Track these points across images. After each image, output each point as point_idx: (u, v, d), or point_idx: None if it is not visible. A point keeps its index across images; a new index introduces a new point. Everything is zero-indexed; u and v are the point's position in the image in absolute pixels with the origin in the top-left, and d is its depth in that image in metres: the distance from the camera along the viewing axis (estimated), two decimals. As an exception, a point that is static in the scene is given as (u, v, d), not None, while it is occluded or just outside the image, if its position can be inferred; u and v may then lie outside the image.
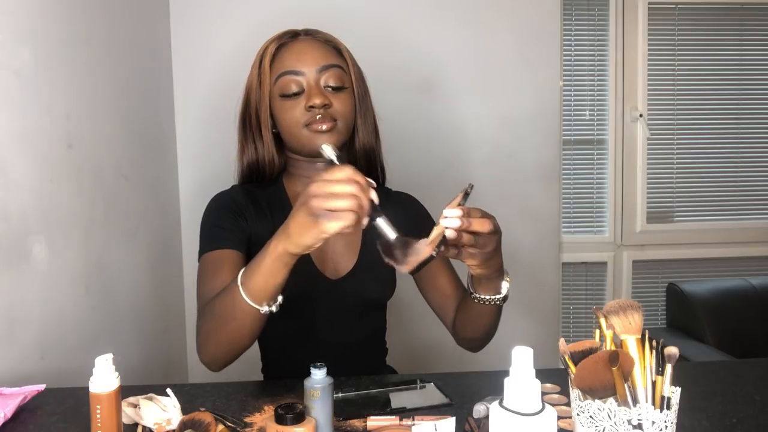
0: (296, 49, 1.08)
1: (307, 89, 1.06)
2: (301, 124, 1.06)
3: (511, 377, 0.64)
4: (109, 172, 1.49)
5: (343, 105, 1.07)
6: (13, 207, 1.10)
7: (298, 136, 1.07)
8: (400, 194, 1.25)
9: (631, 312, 0.68)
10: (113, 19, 1.56)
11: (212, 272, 1.02)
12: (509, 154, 2.20)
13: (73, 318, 1.30)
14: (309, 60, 1.06)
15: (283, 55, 1.08)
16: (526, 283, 2.22)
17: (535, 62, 2.17)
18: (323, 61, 1.07)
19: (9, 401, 0.91)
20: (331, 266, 1.12)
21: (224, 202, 1.11)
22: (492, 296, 0.97)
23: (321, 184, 0.76)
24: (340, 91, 1.08)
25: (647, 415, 0.64)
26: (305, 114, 1.05)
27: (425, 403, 0.95)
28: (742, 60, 2.48)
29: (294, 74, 1.06)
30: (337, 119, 1.06)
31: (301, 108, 1.05)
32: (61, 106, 1.27)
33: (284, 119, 1.07)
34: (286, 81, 1.06)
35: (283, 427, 0.74)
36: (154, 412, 0.86)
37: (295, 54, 1.07)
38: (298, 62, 1.06)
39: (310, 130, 1.05)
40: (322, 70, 1.06)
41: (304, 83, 1.06)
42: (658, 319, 2.54)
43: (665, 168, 2.49)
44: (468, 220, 0.79)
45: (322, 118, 1.04)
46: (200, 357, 0.98)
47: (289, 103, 1.06)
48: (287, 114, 1.06)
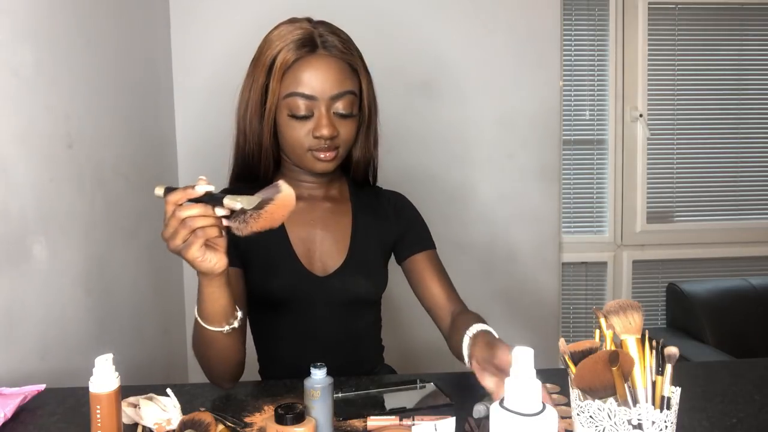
0: (313, 69, 1.03)
1: (317, 116, 1.04)
2: (305, 147, 1.06)
3: (512, 377, 0.64)
4: (109, 172, 1.49)
5: (347, 132, 1.07)
6: (13, 207, 1.10)
7: (300, 156, 1.08)
8: (391, 193, 1.25)
9: (631, 312, 0.68)
10: (113, 19, 1.56)
11: None
12: (509, 154, 2.20)
13: (73, 318, 1.30)
14: (324, 85, 1.03)
15: (298, 72, 1.03)
16: (526, 283, 2.22)
17: (535, 62, 2.17)
18: (338, 88, 1.04)
19: (9, 401, 0.91)
20: (319, 264, 1.12)
21: None
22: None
23: (164, 231, 0.79)
24: (348, 118, 1.07)
25: (647, 415, 0.64)
26: (311, 140, 1.05)
27: (425, 403, 0.95)
28: (742, 60, 2.47)
29: (306, 98, 1.03)
30: (339, 147, 1.07)
31: (307, 131, 1.05)
32: (61, 106, 1.27)
33: (288, 136, 1.07)
34: (297, 102, 1.03)
35: (283, 427, 0.74)
36: (154, 412, 0.86)
37: (311, 74, 1.03)
38: (312, 86, 1.03)
39: (313, 156, 1.06)
40: (335, 97, 1.04)
41: (315, 108, 1.04)
42: (658, 319, 2.54)
43: (665, 168, 2.49)
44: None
45: (327, 148, 1.05)
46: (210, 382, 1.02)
47: (296, 123, 1.05)
48: (293, 132, 1.06)
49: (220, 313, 0.90)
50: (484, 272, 2.20)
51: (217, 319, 0.90)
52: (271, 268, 1.09)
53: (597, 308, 0.72)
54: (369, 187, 1.23)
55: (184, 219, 0.77)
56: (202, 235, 0.79)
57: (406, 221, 1.21)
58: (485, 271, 2.20)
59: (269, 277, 1.08)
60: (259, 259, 1.09)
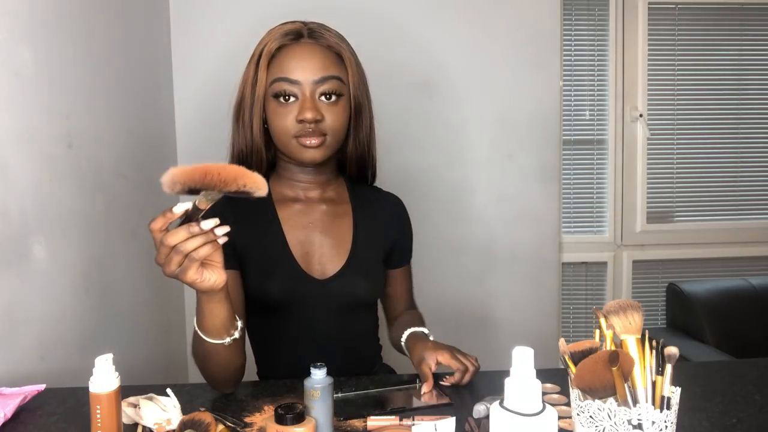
0: (296, 55, 1.05)
1: (301, 100, 1.05)
2: (291, 134, 1.05)
3: (512, 377, 0.64)
4: (109, 172, 1.49)
5: (335, 119, 1.06)
6: (13, 207, 1.10)
7: (287, 144, 1.07)
8: (389, 195, 1.25)
9: (631, 312, 0.69)
10: (113, 19, 1.56)
11: None
12: (509, 154, 2.20)
13: (73, 318, 1.30)
14: (307, 69, 1.04)
15: (282, 59, 1.06)
16: (526, 283, 2.22)
17: (535, 62, 2.17)
18: (321, 72, 1.05)
19: (9, 401, 0.91)
20: (318, 267, 1.12)
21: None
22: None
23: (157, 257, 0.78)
24: (335, 104, 1.06)
25: (647, 415, 0.64)
26: (296, 125, 1.05)
27: (425, 403, 0.95)
28: (742, 60, 2.47)
29: (290, 82, 1.04)
30: (327, 134, 1.06)
31: (293, 117, 1.05)
32: (60, 106, 1.27)
33: (275, 124, 1.07)
34: (281, 87, 1.04)
35: (283, 427, 0.74)
36: (154, 412, 0.86)
37: (295, 60, 1.05)
38: (296, 70, 1.04)
39: (299, 143, 1.05)
40: (319, 81, 1.05)
41: (299, 93, 1.05)
42: (658, 319, 2.54)
43: (665, 168, 2.49)
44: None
45: (312, 133, 1.04)
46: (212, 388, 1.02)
47: (282, 109, 1.05)
48: (279, 120, 1.06)
49: (220, 326, 0.90)
50: (484, 272, 2.20)
51: (218, 332, 0.90)
52: (268, 270, 1.09)
53: (597, 308, 0.72)
54: (367, 187, 1.23)
55: (175, 246, 0.76)
56: (196, 257, 0.78)
57: (402, 231, 1.24)
58: (485, 271, 2.20)
59: (266, 280, 1.08)
60: (256, 260, 1.09)
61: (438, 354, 1.02)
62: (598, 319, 0.71)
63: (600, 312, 0.71)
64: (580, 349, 0.70)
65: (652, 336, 0.69)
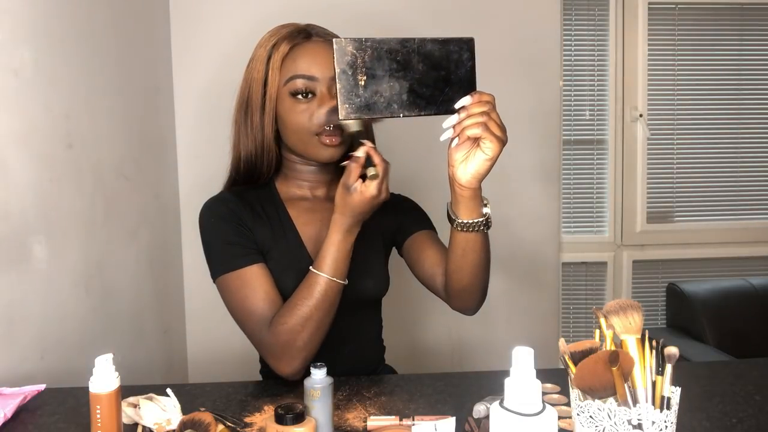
0: (311, 52, 1.06)
1: (319, 97, 1.05)
2: (311, 131, 1.05)
3: (512, 377, 0.64)
4: (109, 172, 1.49)
5: None
6: (13, 207, 1.10)
7: (306, 141, 1.07)
8: (394, 195, 1.25)
9: (631, 312, 0.68)
10: (113, 19, 1.56)
11: (252, 290, 1.03)
12: (509, 154, 2.19)
13: (73, 318, 1.30)
14: (323, 65, 1.04)
15: (297, 57, 1.06)
16: (526, 283, 2.22)
17: (535, 62, 2.17)
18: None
19: (9, 401, 0.91)
20: None
21: (222, 214, 1.09)
22: (475, 219, 1.05)
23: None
24: None
25: (647, 415, 0.64)
26: (317, 123, 1.05)
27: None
28: (742, 60, 2.47)
29: (308, 79, 1.05)
30: (343, 132, 1.06)
31: (311, 114, 1.05)
32: (60, 106, 1.27)
33: (292, 121, 1.06)
34: (299, 84, 1.05)
35: (283, 427, 0.74)
36: (154, 412, 0.86)
37: (310, 57, 1.05)
38: (313, 66, 1.05)
39: (320, 141, 1.06)
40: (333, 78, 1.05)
41: (317, 89, 1.05)
42: (658, 319, 2.54)
43: (665, 168, 2.49)
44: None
45: (333, 131, 1.05)
46: (284, 369, 1.00)
47: (301, 106, 1.05)
48: (297, 117, 1.06)
49: (347, 263, 1.00)
50: (484, 272, 2.20)
51: (345, 269, 1.00)
52: (287, 267, 1.09)
53: (597, 308, 0.72)
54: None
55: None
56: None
57: (402, 210, 1.22)
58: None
59: (284, 276, 1.08)
60: (275, 258, 1.09)
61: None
62: (598, 319, 0.71)
63: (600, 312, 0.71)
64: (580, 349, 0.70)
65: (652, 336, 0.69)
